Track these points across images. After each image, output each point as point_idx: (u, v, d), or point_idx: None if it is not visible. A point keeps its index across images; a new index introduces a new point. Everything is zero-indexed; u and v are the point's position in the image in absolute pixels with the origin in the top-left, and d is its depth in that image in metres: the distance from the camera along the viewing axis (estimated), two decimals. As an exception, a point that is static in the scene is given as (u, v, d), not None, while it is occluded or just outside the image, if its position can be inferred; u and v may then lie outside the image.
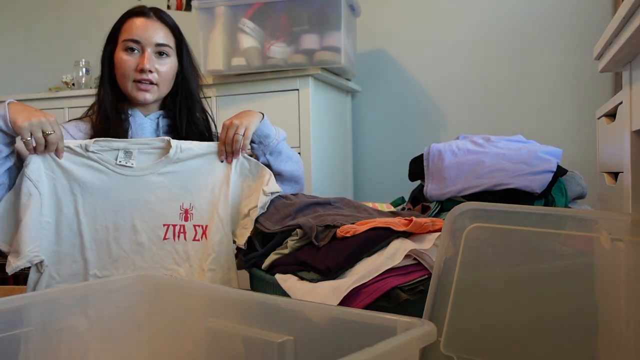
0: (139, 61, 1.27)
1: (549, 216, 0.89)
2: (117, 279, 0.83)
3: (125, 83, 1.28)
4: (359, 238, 1.16)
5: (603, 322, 0.81)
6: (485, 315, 0.88)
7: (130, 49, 1.27)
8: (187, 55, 1.36)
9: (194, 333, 0.75)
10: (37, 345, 0.72)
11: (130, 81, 1.28)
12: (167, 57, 1.31)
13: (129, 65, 1.27)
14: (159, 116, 1.36)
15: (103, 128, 1.27)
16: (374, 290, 1.04)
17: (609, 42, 0.90)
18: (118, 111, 1.30)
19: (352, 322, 0.61)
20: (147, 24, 1.28)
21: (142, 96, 1.28)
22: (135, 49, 1.27)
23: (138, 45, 1.27)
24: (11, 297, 0.72)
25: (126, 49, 1.27)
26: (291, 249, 1.18)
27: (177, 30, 1.35)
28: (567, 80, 2.14)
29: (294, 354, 0.65)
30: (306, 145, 1.96)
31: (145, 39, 1.27)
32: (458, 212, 0.91)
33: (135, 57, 1.27)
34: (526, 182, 1.22)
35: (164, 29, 1.31)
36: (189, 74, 1.36)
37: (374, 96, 2.43)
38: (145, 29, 1.28)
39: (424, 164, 1.42)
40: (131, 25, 1.28)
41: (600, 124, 1.24)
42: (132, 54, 1.27)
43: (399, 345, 0.50)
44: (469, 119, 2.27)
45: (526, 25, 2.19)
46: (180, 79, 1.36)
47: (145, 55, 1.26)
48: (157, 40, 1.28)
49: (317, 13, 2.00)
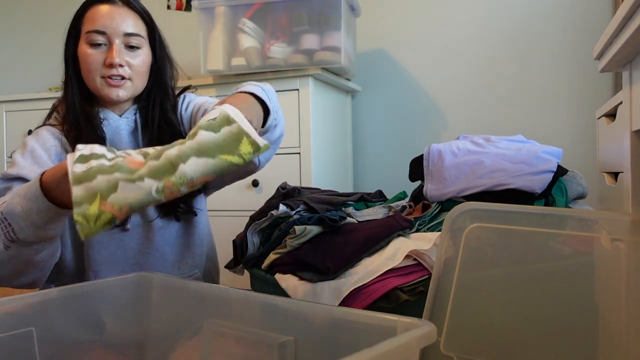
0: (106, 55, 1.10)
1: (549, 216, 0.89)
2: (116, 278, 0.83)
3: (93, 80, 1.11)
4: (359, 237, 1.16)
5: (603, 322, 0.81)
6: (485, 315, 0.88)
7: (96, 42, 1.10)
8: (160, 44, 1.20)
9: (194, 333, 0.75)
10: (37, 345, 0.72)
11: (98, 77, 1.11)
12: (139, 48, 1.14)
13: (95, 60, 1.10)
14: (135, 112, 1.20)
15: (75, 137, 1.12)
16: (374, 290, 1.04)
17: (609, 42, 0.90)
18: (88, 116, 1.14)
19: (352, 322, 0.61)
20: (113, 12, 1.11)
21: (114, 93, 1.11)
22: (101, 42, 1.10)
23: (104, 37, 1.10)
24: (11, 297, 0.72)
25: (90, 42, 1.10)
26: (290, 247, 1.18)
27: (148, 16, 1.18)
28: (567, 80, 2.14)
29: (294, 354, 0.65)
30: (306, 145, 1.96)
31: (112, 29, 1.10)
32: (458, 212, 0.91)
33: (101, 51, 1.10)
34: (526, 182, 1.22)
35: (133, 15, 1.13)
36: (163, 65, 1.20)
37: (374, 96, 2.43)
38: (112, 18, 1.10)
39: (424, 164, 1.42)
40: (94, 14, 1.10)
41: (600, 124, 1.24)
42: (97, 48, 1.10)
43: (399, 346, 0.50)
44: (469, 119, 2.27)
45: (526, 25, 2.19)
46: (155, 73, 1.19)
47: (114, 48, 1.10)
48: (126, 29, 1.11)
49: (317, 13, 2.00)
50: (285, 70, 1.98)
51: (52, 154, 1.14)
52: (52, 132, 1.17)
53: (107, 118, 1.17)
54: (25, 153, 1.13)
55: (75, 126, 1.14)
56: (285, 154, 1.99)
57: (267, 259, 1.22)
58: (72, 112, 1.14)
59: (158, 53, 1.19)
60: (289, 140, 1.98)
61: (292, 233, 1.20)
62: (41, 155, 1.12)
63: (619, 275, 0.81)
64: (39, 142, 1.15)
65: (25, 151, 1.13)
